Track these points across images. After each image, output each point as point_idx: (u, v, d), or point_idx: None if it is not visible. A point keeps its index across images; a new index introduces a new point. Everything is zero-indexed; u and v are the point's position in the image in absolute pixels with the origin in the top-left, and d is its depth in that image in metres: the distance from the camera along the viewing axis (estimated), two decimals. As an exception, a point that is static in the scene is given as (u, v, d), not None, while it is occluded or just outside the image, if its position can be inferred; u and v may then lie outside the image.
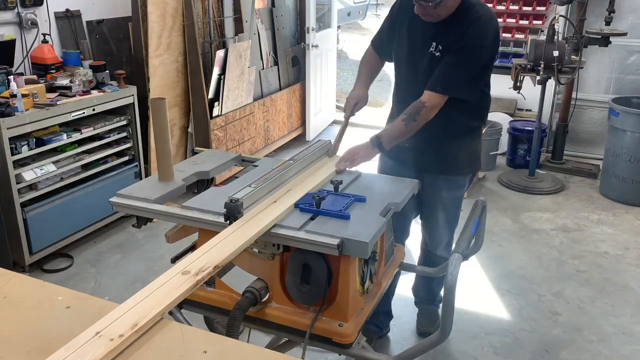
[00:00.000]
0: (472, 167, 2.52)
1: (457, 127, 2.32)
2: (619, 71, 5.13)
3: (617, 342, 2.82)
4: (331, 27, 6.39)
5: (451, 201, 2.50)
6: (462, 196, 2.57)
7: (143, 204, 1.83)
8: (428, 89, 2.14)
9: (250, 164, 2.26)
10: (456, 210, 2.57)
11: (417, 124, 2.14)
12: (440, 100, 2.13)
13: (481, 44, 2.14)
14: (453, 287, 1.63)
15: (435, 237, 2.59)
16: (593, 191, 4.70)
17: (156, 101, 1.93)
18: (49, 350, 1.05)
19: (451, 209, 2.53)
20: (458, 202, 2.55)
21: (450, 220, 2.55)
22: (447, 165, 2.37)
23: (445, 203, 2.48)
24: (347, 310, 1.68)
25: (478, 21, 2.13)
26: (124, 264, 3.51)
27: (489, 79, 2.36)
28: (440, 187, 2.41)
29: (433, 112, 2.14)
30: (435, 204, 2.48)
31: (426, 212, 2.55)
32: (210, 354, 1.07)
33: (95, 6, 4.09)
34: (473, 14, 2.14)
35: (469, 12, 2.14)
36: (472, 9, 2.15)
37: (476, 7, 2.16)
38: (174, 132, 4.24)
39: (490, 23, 2.17)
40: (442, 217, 2.52)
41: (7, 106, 3.01)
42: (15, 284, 1.32)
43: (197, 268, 1.35)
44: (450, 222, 2.56)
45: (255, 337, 2.12)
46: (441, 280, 2.76)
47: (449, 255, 2.65)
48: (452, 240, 2.64)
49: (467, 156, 2.44)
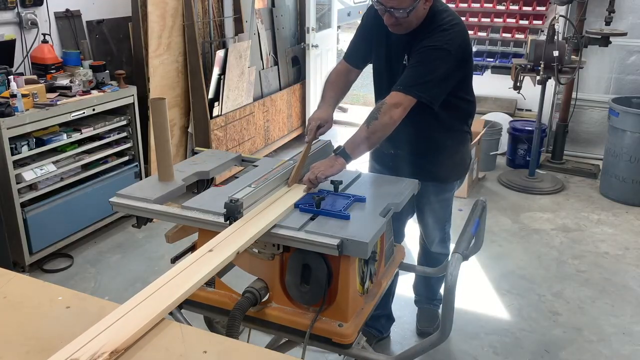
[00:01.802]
0: (458, 174, 2.51)
1: (443, 136, 2.31)
2: (619, 71, 5.13)
3: (617, 342, 2.82)
4: (331, 27, 6.39)
5: (439, 203, 2.51)
6: (451, 197, 2.58)
7: (143, 204, 1.83)
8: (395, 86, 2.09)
9: (250, 164, 2.26)
10: (445, 210, 2.58)
11: (380, 123, 2.00)
12: (401, 99, 2.01)
13: (444, 47, 2.05)
14: (453, 287, 1.63)
15: (428, 235, 2.63)
16: (593, 191, 4.70)
17: (156, 101, 1.93)
18: (49, 350, 1.05)
19: (440, 211, 2.54)
20: (447, 203, 2.56)
21: (440, 219, 2.57)
22: (434, 173, 2.36)
23: (434, 207, 2.50)
24: (347, 311, 1.68)
25: (443, 27, 2.08)
26: (124, 264, 3.51)
27: (470, 88, 2.33)
28: (429, 193, 2.38)
29: (395, 111, 2.00)
30: (423, 207, 2.50)
31: (417, 215, 2.58)
32: (210, 354, 1.07)
33: (95, 6, 4.09)
34: (439, 20, 2.09)
35: (435, 20, 2.10)
36: (439, 16, 2.11)
37: (442, 15, 2.11)
38: (174, 132, 4.24)
39: (455, 30, 2.09)
40: (432, 218, 2.54)
41: (7, 106, 3.01)
42: (15, 284, 1.32)
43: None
44: (440, 221, 2.58)
45: (255, 337, 2.12)
46: (440, 278, 2.77)
47: (444, 250, 2.69)
48: (445, 236, 2.67)
49: (454, 164, 2.44)
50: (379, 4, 2.05)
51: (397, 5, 2.01)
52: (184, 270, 1.35)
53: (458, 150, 2.42)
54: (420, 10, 2.06)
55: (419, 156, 2.33)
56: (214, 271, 1.39)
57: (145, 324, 1.11)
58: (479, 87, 5.42)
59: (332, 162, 1.95)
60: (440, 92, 2.10)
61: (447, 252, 2.71)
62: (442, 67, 2.06)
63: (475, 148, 4.59)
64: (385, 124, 2.00)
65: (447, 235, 2.69)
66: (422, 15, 2.08)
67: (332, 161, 1.96)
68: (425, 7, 2.08)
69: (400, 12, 2.01)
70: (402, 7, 2.00)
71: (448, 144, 2.36)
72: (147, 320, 1.12)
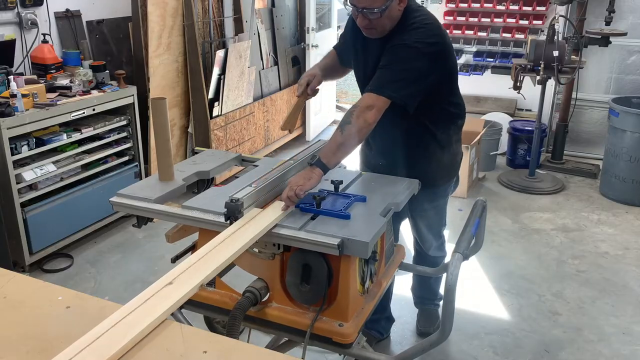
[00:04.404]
0: (450, 175, 2.41)
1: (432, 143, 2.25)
2: (619, 71, 5.13)
3: (617, 342, 2.82)
4: (331, 27, 6.40)
5: (434, 210, 2.45)
6: (446, 203, 2.51)
7: (143, 204, 1.83)
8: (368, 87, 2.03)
9: (250, 164, 2.26)
10: (442, 216, 2.53)
11: (354, 127, 1.91)
12: (374, 100, 1.94)
13: (414, 46, 1.97)
14: (453, 287, 1.63)
15: (425, 242, 2.59)
16: (593, 191, 4.70)
17: (156, 101, 1.93)
18: (49, 350, 1.05)
19: (435, 218, 2.50)
20: (441, 208, 2.50)
21: (436, 224, 2.54)
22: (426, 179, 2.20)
23: (429, 214, 2.46)
24: (348, 310, 1.68)
25: (413, 24, 2.01)
26: (124, 264, 3.51)
27: (456, 90, 2.26)
28: (422, 200, 2.26)
29: (369, 113, 1.92)
30: (418, 215, 2.46)
31: (412, 221, 2.53)
32: (210, 354, 1.07)
33: (95, 6, 4.09)
34: (410, 19, 2.03)
35: (407, 19, 2.04)
36: (410, 15, 2.05)
37: (414, 14, 2.05)
38: (174, 132, 4.24)
39: (427, 28, 2.02)
40: (428, 225, 2.51)
41: (7, 106, 3.01)
42: (15, 284, 1.32)
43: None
44: (436, 226, 2.54)
45: (255, 337, 2.12)
46: (439, 277, 2.76)
47: (442, 254, 2.66)
48: (442, 240, 2.64)
49: (445, 167, 2.36)
50: (352, 5, 2.01)
51: (369, 5, 1.96)
52: (186, 270, 1.35)
53: (448, 153, 2.34)
54: (394, 11, 2.00)
55: (409, 164, 2.26)
56: (215, 271, 1.39)
57: (145, 327, 1.11)
58: (479, 87, 5.54)
59: (309, 175, 1.84)
60: (414, 91, 2.00)
61: (444, 254, 2.70)
62: (413, 66, 1.98)
63: (476, 148, 4.59)
64: (360, 127, 1.91)
65: (443, 239, 2.66)
66: (396, 17, 2.02)
67: (309, 173, 1.85)
68: (399, 8, 2.02)
69: (373, 13, 1.96)
70: (374, 6, 1.95)
71: (437, 150, 2.28)
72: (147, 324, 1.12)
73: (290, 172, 2.00)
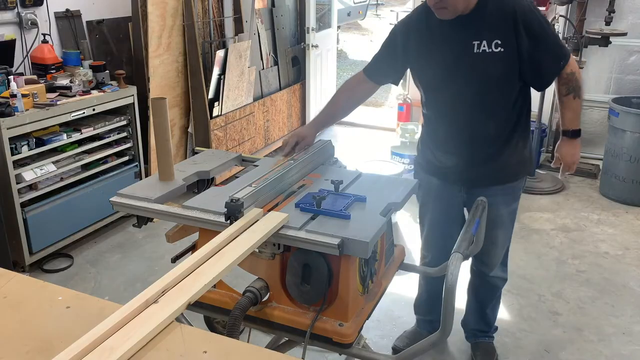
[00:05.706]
0: (525, 169, 2.33)
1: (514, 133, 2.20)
2: (619, 71, 5.13)
3: (617, 342, 2.83)
4: (331, 27, 6.40)
5: (508, 215, 2.32)
6: (517, 208, 2.38)
7: (143, 204, 1.83)
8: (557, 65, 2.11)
9: (251, 163, 2.26)
10: (512, 224, 2.39)
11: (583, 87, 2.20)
12: (572, 63, 2.14)
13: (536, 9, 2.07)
14: (453, 287, 1.63)
15: (492, 257, 2.41)
16: (593, 191, 4.70)
17: (157, 101, 1.93)
18: (49, 350, 1.05)
19: (509, 226, 2.36)
20: (514, 215, 2.37)
21: (507, 236, 2.39)
22: (501, 172, 2.20)
23: (504, 220, 2.31)
24: (348, 310, 1.68)
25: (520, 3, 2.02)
26: (124, 264, 3.51)
27: None
28: (497, 202, 2.19)
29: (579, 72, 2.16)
30: (490, 223, 2.14)
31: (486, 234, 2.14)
32: (210, 354, 1.07)
33: (95, 6, 4.09)
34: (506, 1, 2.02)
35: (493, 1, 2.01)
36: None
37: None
38: (174, 132, 4.24)
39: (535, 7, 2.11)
40: (499, 235, 2.33)
41: (7, 106, 3.02)
42: (15, 284, 1.31)
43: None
44: (506, 239, 2.40)
45: (255, 337, 2.12)
46: (495, 307, 2.62)
47: (504, 275, 2.51)
48: (507, 257, 2.51)
49: (522, 158, 2.27)
50: None
51: None
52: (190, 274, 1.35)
53: (526, 145, 2.28)
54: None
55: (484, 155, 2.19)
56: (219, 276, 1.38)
57: (150, 332, 1.11)
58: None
59: (575, 145, 2.28)
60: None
61: (506, 276, 2.56)
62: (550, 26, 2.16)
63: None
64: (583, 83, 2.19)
65: (507, 256, 2.50)
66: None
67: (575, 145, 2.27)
68: None
69: None
70: None
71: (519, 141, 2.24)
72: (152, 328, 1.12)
73: (290, 172, 2.00)
